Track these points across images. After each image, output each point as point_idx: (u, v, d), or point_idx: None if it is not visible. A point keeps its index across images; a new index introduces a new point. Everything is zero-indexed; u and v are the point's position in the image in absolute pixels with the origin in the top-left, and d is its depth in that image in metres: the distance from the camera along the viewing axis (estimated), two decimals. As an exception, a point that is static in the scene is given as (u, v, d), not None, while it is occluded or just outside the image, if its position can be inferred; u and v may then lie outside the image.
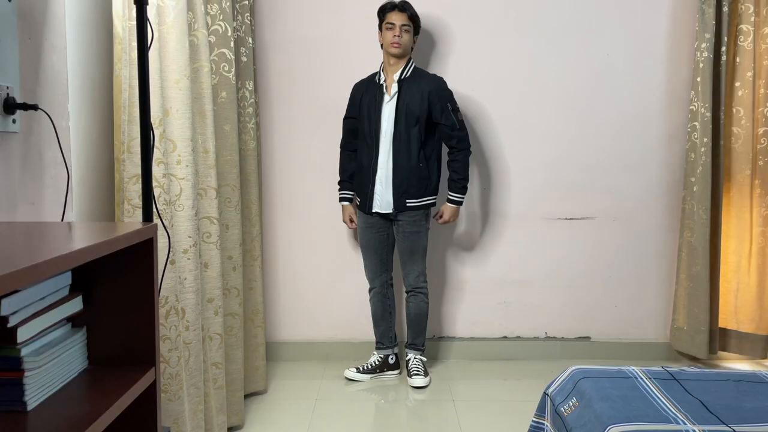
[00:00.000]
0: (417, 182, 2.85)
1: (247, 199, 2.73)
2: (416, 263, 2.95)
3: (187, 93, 2.04)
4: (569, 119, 3.20)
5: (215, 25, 2.34)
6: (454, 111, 2.86)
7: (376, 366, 3.04)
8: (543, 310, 3.31)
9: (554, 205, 3.25)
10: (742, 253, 3.13)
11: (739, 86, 3.06)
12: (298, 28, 3.13)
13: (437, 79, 2.92)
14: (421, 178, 2.85)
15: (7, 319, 0.90)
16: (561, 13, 3.15)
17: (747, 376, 1.88)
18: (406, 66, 2.88)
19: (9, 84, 1.42)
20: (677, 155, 3.22)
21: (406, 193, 2.85)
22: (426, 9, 3.11)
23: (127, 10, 1.86)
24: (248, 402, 2.74)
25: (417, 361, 3.00)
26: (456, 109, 2.88)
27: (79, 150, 1.88)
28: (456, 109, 2.88)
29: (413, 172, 2.84)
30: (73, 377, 1.09)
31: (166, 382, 1.93)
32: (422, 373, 2.96)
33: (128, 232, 1.05)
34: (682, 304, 3.17)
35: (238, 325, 2.54)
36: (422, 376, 2.95)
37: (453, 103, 2.88)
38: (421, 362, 3.01)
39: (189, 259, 2.05)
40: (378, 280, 3.03)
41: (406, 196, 2.85)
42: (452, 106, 2.87)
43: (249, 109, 2.70)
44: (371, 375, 3.02)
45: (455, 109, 2.87)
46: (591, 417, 1.64)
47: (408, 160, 2.83)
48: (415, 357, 3.01)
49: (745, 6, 3.00)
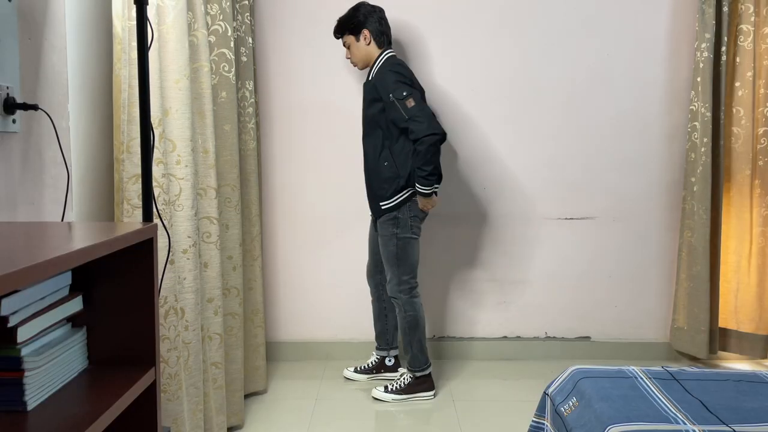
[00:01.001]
0: (385, 183, 2.70)
1: (247, 199, 2.73)
2: (390, 270, 2.76)
3: (187, 93, 2.04)
4: (569, 119, 3.20)
5: (215, 25, 2.34)
6: (399, 100, 2.57)
7: (373, 367, 3.03)
8: (543, 310, 3.31)
9: (554, 205, 3.25)
10: (742, 253, 3.13)
11: (739, 86, 3.06)
12: (298, 28, 3.13)
13: (381, 70, 2.67)
14: (387, 179, 2.69)
15: (7, 319, 0.90)
16: (561, 13, 3.15)
17: (747, 376, 1.88)
18: (370, 70, 2.76)
19: (9, 84, 1.42)
20: (677, 155, 3.22)
21: (378, 196, 2.73)
22: (426, 9, 3.11)
23: (126, 10, 1.86)
24: (248, 402, 2.74)
25: (402, 377, 2.83)
26: (402, 97, 2.57)
27: (79, 150, 1.88)
28: (402, 97, 2.57)
29: (379, 174, 2.71)
30: (73, 377, 1.09)
31: (165, 382, 1.93)
32: (388, 388, 2.80)
33: (128, 232, 1.05)
34: (682, 304, 3.17)
35: (238, 325, 2.54)
36: (383, 390, 2.79)
37: (396, 91, 2.58)
38: (403, 379, 2.81)
39: (188, 259, 2.04)
40: (371, 281, 3.01)
41: (378, 199, 2.73)
42: (395, 95, 2.58)
43: (249, 109, 2.70)
44: (368, 375, 3.01)
45: (400, 98, 2.57)
46: (591, 417, 1.64)
47: (375, 163, 2.72)
48: (402, 374, 2.86)
49: (745, 6, 3.00)
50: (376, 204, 2.76)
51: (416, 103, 2.57)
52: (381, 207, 2.73)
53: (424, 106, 2.61)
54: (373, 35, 2.73)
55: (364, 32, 2.73)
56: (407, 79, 2.64)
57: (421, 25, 3.13)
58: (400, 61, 2.73)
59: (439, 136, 2.57)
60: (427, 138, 2.55)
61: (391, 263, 2.76)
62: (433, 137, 2.55)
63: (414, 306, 2.79)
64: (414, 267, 2.79)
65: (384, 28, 2.76)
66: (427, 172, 2.59)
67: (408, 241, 2.75)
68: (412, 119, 2.56)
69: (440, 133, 2.57)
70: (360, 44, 2.75)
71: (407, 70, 2.70)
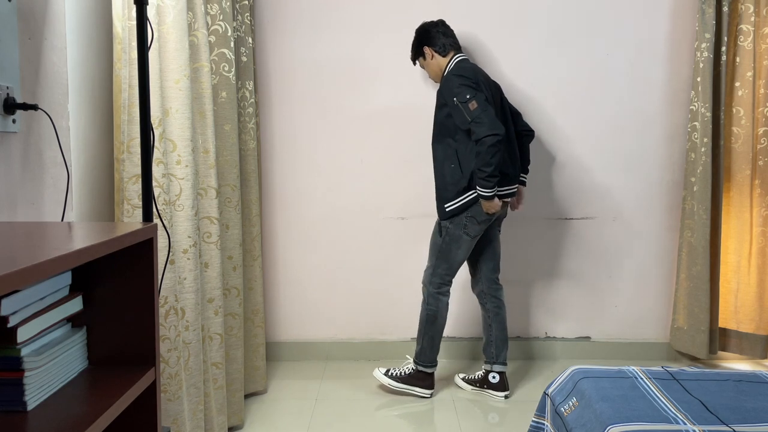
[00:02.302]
0: (450, 185, 2.71)
1: (247, 199, 2.73)
2: (430, 258, 2.82)
3: (187, 93, 2.04)
4: (569, 119, 3.20)
5: (215, 25, 2.34)
6: (462, 103, 2.60)
7: (478, 380, 2.92)
8: (543, 310, 3.31)
9: (554, 205, 3.25)
10: (742, 253, 3.13)
11: (739, 86, 3.06)
12: (298, 28, 3.13)
13: (447, 76, 2.73)
14: (452, 181, 2.71)
15: (7, 319, 0.90)
16: (561, 13, 3.15)
17: (747, 376, 1.88)
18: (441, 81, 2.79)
19: (9, 84, 1.42)
20: (677, 155, 3.22)
21: (443, 198, 2.74)
22: (426, 10, 3.11)
23: (127, 10, 1.86)
24: (248, 402, 2.74)
25: (405, 365, 2.89)
26: (465, 100, 2.59)
27: (79, 150, 1.88)
28: (465, 100, 2.59)
29: (444, 177, 2.73)
30: (73, 377, 1.09)
31: (165, 382, 1.93)
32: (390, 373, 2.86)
33: (128, 232, 1.05)
34: (682, 304, 3.17)
35: (238, 325, 2.54)
36: (383, 373, 2.86)
37: (460, 95, 2.61)
38: (406, 368, 2.86)
39: (189, 259, 2.04)
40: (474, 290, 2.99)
41: (443, 201, 2.74)
42: (459, 99, 2.61)
43: (249, 109, 2.70)
44: (473, 387, 2.92)
45: (464, 101, 2.59)
46: (591, 417, 1.64)
47: (441, 166, 2.74)
48: (407, 363, 2.92)
49: (745, 6, 3.00)
50: (441, 206, 2.75)
51: (479, 105, 2.58)
52: (446, 209, 2.72)
53: (487, 107, 2.58)
54: (435, 48, 2.79)
55: (426, 50, 2.81)
56: (471, 81, 2.63)
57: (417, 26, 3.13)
58: (467, 65, 2.72)
59: (499, 137, 2.54)
60: (488, 138, 2.54)
61: (433, 252, 2.81)
62: (493, 138, 2.54)
63: (438, 302, 2.81)
64: (454, 265, 2.80)
65: (446, 39, 2.80)
66: (486, 173, 2.57)
67: (457, 238, 2.74)
68: (474, 121, 2.57)
69: (501, 134, 2.55)
70: (428, 62, 2.82)
71: (473, 72, 2.68)
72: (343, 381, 3.01)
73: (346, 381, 3.01)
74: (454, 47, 2.81)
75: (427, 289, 2.82)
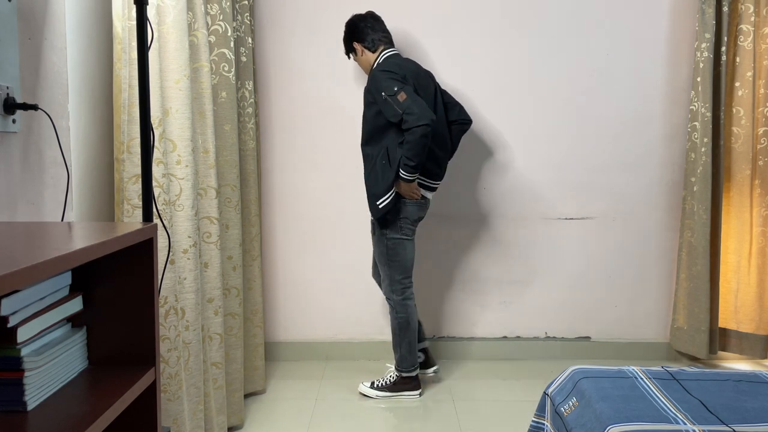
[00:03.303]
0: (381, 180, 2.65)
1: (247, 199, 2.73)
2: (383, 270, 2.80)
3: (187, 93, 2.04)
4: (569, 119, 3.20)
5: (215, 25, 2.34)
6: (391, 96, 2.55)
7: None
8: (543, 310, 3.31)
9: (554, 205, 3.25)
10: (742, 253, 3.13)
11: (739, 86, 3.06)
12: (297, 28, 3.13)
13: (372, 72, 2.68)
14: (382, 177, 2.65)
15: (7, 319, 0.90)
16: (561, 13, 3.15)
17: (747, 376, 1.88)
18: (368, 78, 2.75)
19: (9, 84, 1.42)
20: (677, 155, 3.22)
21: (375, 195, 2.67)
22: (426, 10, 3.11)
23: (127, 10, 1.86)
24: (247, 402, 2.74)
25: (389, 375, 2.88)
26: (393, 93, 2.54)
27: (79, 150, 1.88)
28: (393, 93, 2.54)
29: (376, 173, 2.67)
30: (73, 377, 1.09)
31: (165, 382, 1.93)
32: (375, 384, 2.85)
33: (128, 232, 1.05)
34: (682, 304, 3.17)
35: (238, 325, 2.54)
36: (369, 386, 2.85)
37: (388, 89, 2.56)
38: (389, 377, 2.86)
39: (189, 259, 2.04)
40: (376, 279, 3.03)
41: (375, 198, 2.67)
42: (387, 92, 2.56)
43: (249, 109, 2.70)
44: None
45: (392, 94, 2.55)
46: (591, 417, 1.64)
47: (373, 164, 2.68)
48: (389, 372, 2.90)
49: (745, 6, 3.00)
50: (373, 203, 2.70)
51: (408, 96, 2.54)
52: (378, 206, 2.67)
53: (416, 97, 2.57)
54: (365, 44, 2.76)
55: (355, 46, 2.78)
56: (398, 76, 2.60)
57: (421, 27, 3.13)
58: (394, 60, 2.69)
59: (430, 127, 2.53)
60: (418, 129, 2.52)
61: (383, 263, 2.79)
62: (425, 128, 2.52)
63: (406, 308, 2.80)
64: (407, 267, 2.79)
65: (375, 34, 2.75)
66: (414, 164, 2.57)
67: (398, 242, 2.75)
68: (405, 112, 2.53)
69: (431, 123, 2.53)
70: (360, 57, 2.81)
71: (398, 66, 2.64)
72: (343, 381, 3.01)
73: (346, 381, 3.01)
74: (384, 42, 2.77)
75: (392, 300, 2.81)
